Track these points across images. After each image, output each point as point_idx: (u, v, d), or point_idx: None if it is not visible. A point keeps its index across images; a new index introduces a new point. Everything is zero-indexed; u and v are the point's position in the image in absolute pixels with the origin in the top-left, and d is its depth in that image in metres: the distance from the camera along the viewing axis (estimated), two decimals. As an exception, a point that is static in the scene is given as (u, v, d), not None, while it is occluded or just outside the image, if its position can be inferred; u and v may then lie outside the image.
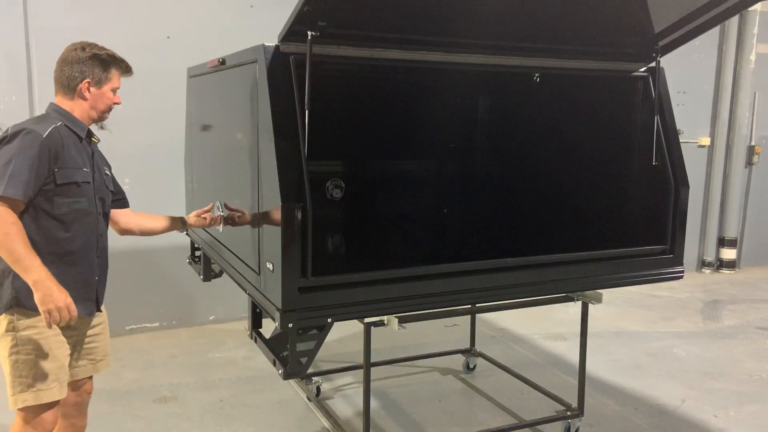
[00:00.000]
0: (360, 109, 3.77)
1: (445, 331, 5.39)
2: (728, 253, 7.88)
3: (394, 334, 3.35)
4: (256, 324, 3.27)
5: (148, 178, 5.26)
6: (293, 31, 2.44)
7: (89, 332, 2.69)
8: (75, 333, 2.61)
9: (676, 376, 4.63)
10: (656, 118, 3.17)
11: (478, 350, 4.68)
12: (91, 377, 2.79)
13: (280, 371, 2.81)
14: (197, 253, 4.22)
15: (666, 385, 4.47)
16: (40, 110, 4.93)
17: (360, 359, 3.19)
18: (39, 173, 2.34)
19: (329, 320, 2.61)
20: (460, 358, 4.67)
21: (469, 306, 3.27)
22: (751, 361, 4.94)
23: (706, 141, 7.67)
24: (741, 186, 7.82)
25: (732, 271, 7.87)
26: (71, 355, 2.60)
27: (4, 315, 2.43)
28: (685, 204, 3.19)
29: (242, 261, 3.03)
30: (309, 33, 2.43)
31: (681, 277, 3.29)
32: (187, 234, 4.34)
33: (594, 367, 4.65)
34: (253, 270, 2.84)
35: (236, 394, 4.23)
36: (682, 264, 3.27)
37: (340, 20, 2.49)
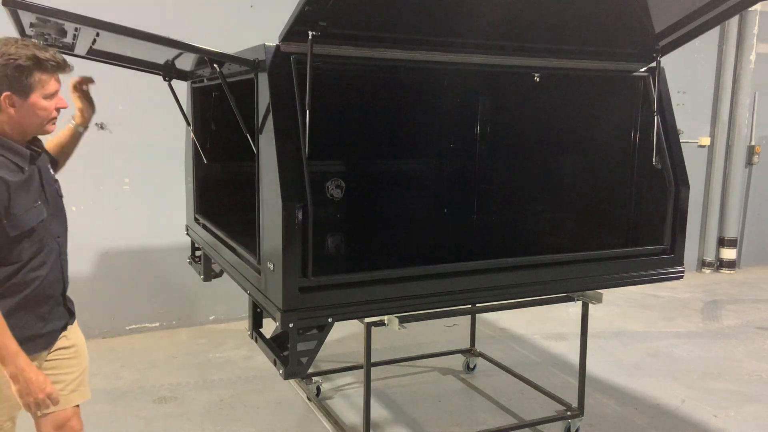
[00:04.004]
0: (360, 109, 3.78)
1: (445, 331, 5.39)
2: (728, 253, 7.88)
3: (394, 334, 3.35)
4: (256, 324, 3.27)
5: (148, 178, 5.26)
6: (294, 31, 2.44)
7: (61, 361, 2.42)
8: (41, 364, 2.34)
9: (676, 376, 4.63)
10: (656, 118, 3.17)
11: (478, 350, 4.68)
12: (76, 409, 2.51)
13: (280, 371, 2.81)
14: (197, 253, 4.22)
15: (666, 385, 4.47)
16: (40, 110, 4.93)
17: (360, 359, 3.19)
18: None
19: (330, 320, 2.61)
20: (460, 358, 4.67)
21: (469, 306, 3.27)
22: (751, 361, 4.94)
23: (706, 141, 7.67)
24: (741, 186, 7.82)
25: (732, 271, 7.87)
26: None
27: None
28: (685, 204, 3.19)
29: (243, 260, 3.03)
30: (310, 33, 2.43)
31: (681, 277, 3.30)
32: (188, 234, 4.34)
33: (594, 367, 4.65)
34: (253, 270, 2.84)
35: (236, 394, 4.23)
36: (682, 264, 3.27)
37: (340, 20, 2.49)
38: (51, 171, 2.41)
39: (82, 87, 2.73)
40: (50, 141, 2.62)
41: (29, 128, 2.20)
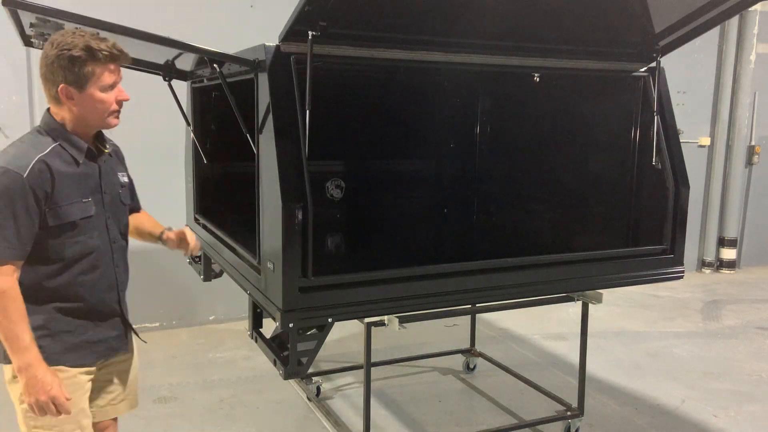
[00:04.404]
0: (360, 109, 3.78)
1: (445, 331, 5.39)
2: (728, 253, 7.88)
3: (394, 334, 3.36)
4: (256, 324, 3.27)
5: (148, 178, 5.25)
6: (294, 31, 2.44)
7: (113, 370, 2.39)
8: (94, 372, 2.28)
9: (676, 376, 4.63)
10: (656, 118, 3.17)
11: (478, 350, 4.68)
12: (115, 419, 2.53)
13: (280, 371, 2.81)
14: (197, 253, 4.22)
15: (666, 385, 4.47)
16: (39, 111, 4.93)
17: (360, 359, 3.19)
18: (28, 222, 1.98)
19: (330, 320, 2.61)
20: (460, 358, 4.67)
21: (469, 306, 3.27)
22: (751, 361, 4.94)
23: (706, 141, 7.67)
24: (741, 186, 7.82)
25: (732, 271, 7.87)
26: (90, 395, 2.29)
27: (7, 365, 2.14)
28: (685, 204, 3.19)
29: (243, 260, 3.03)
30: (310, 33, 2.43)
31: (681, 277, 3.30)
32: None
33: (594, 367, 4.65)
34: (253, 270, 2.84)
35: (236, 394, 4.23)
36: (682, 264, 3.27)
37: (340, 20, 2.49)
38: (120, 175, 2.36)
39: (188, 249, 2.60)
40: (143, 217, 2.59)
41: (90, 122, 2.12)
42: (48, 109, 2.14)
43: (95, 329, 2.20)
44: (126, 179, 2.40)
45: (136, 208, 2.56)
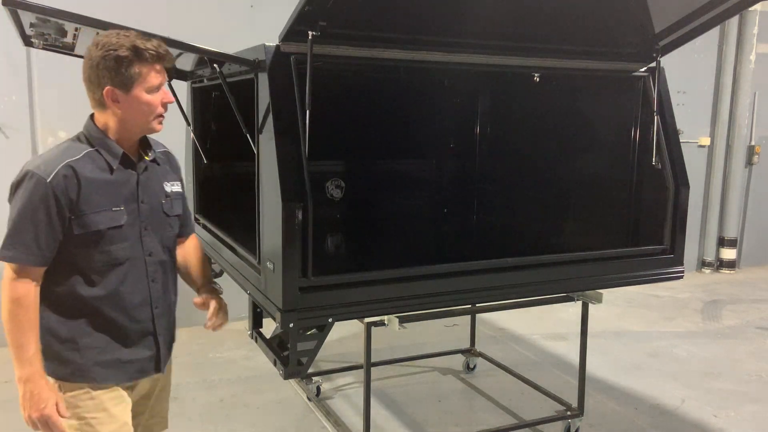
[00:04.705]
0: (360, 109, 3.77)
1: (445, 331, 5.39)
2: (728, 253, 7.88)
3: (394, 334, 3.35)
4: (256, 324, 3.28)
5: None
6: (294, 31, 2.44)
7: (142, 389, 2.28)
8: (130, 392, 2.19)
9: (676, 376, 4.63)
10: (656, 118, 3.17)
11: (478, 350, 4.69)
12: None
13: (280, 371, 2.81)
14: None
15: (666, 385, 4.47)
16: (40, 110, 4.95)
17: (360, 359, 3.19)
18: (50, 228, 1.91)
19: (330, 320, 2.61)
20: (460, 358, 4.67)
21: (469, 306, 3.27)
22: (751, 361, 4.94)
23: (706, 141, 7.67)
24: (741, 186, 7.82)
25: (732, 271, 7.87)
26: None
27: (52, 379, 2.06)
28: (685, 204, 3.19)
29: (243, 260, 3.03)
30: (310, 33, 2.43)
31: (681, 277, 3.30)
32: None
33: (594, 367, 4.65)
34: (253, 269, 2.84)
35: (236, 394, 4.23)
36: (682, 264, 3.28)
37: (340, 20, 2.49)
38: (168, 183, 2.19)
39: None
40: (191, 253, 2.39)
41: (135, 126, 2.03)
42: (91, 116, 2.06)
43: (126, 348, 2.08)
44: (175, 188, 2.22)
45: (185, 228, 2.34)
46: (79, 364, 2.01)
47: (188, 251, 2.38)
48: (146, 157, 2.12)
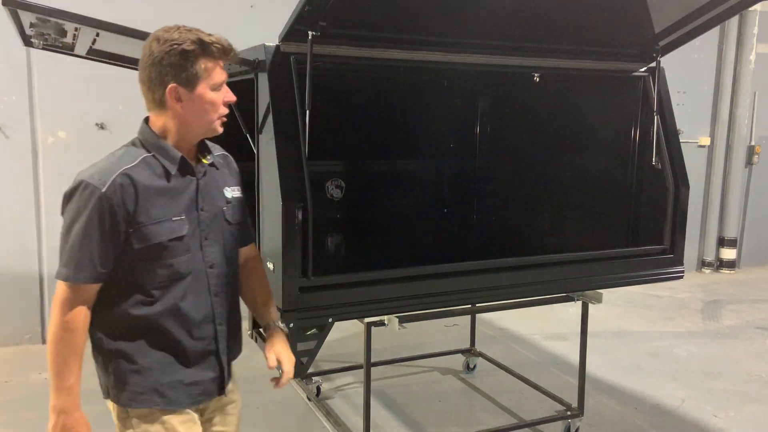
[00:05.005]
0: (360, 109, 3.77)
1: (445, 331, 5.39)
2: (728, 253, 7.88)
3: (394, 334, 3.35)
4: (256, 324, 3.27)
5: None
6: (294, 31, 2.44)
7: (212, 413, 2.13)
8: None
9: (676, 376, 4.63)
10: (656, 118, 3.17)
11: (478, 350, 4.68)
12: None
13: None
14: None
15: (666, 385, 4.47)
16: (40, 110, 4.94)
17: (360, 359, 3.19)
18: (106, 243, 1.75)
19: (330, 320, 2.61)
20: (460, 358, 4.67)
21: (469, 306, 3.27)
22: (751, 361, 4.94)
23: (706, 141, 7.67)
24: (741, 186, 7.82)
25: (732, 271, 7.87)
26: None
27: (113, 403, 1.96)
28: (685, 204, 3.19)
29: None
30: (310, 33, 2.43)
31: (681, 277, 3.30)
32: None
33: (594, 367, 4.65)
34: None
35: (236, 394, 4.22)
36: (682, 264, 3.28)
37: (340, 20, 2.49)
38: (228, 189, 2.02)
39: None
40: (254, 271, 2.19)
41: (197, 127, 1.87)
42: (146, 119, 1.91)
43: (188, 368, 1.92)
44: (236, 194, 2.04)
45: (246, 236, 2.13)
46: (143, 386, 1.87)
47: (247, 263, 2.16)
48: (204, 161, 1.95)
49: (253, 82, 2.67)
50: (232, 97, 1.91)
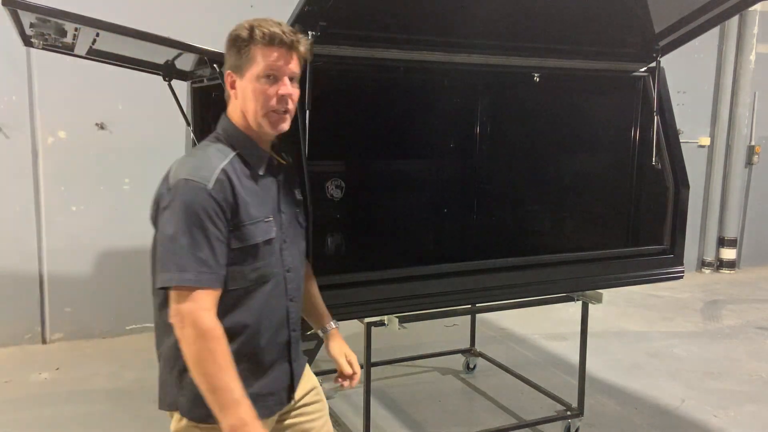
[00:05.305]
0: (360, 109, 3.77)
1: (445, 331, 5.39)
2: (728, 253, 7.88)
3: (394, 334, 3.35)
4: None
5: (148, 178, 5.25)
6: (294, 31, 2.44)
7: (300, 412, 1.99)
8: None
9: (676, 376, 4.63)
10: (656, 118, 3.17)
11: (478, 350, 4.68)
12: None
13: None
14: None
15: (666, 385, 4.47)
16: (40, 111, 4.94)
17: (360, 359, 3.18)
18: (220, 241, 1.65)
19: (329, 320, 2.61)
20: (460, 358, 4.67)
21: (469, 306, 3.26)
22: (751, 361, 4.94)
23: (706, 141, 7.67)
24: (741, 186, 7.82)
25: (732, 271, 7.87)
26: None
27: (173, 414, 1.86)
28: (685, 204, 3.19)
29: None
30: (310, 33, 2.43)
31: (681, 277, 3.30)
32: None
33: (594, 367, 4.65)
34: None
35: (236, 394, 4.22)
36: (682, 264, 3.27)
37: (340, 20, 2.49)
38: (296, 192, 1.97)
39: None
40: (310, 273, 2.15)
41: (250, 120, 1.77)
42: (225, 113, 1.85)
43: (265, 378, 1.83)
44: (299, 197, 1.99)
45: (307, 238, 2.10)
46: None
47: (306, 267, 2.08)
48: (283, 162, 1.89)
49: (253, 82, 2.67)
50: (288, 92, 1.75)
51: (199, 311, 1.60)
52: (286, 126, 1.80)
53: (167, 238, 1.62)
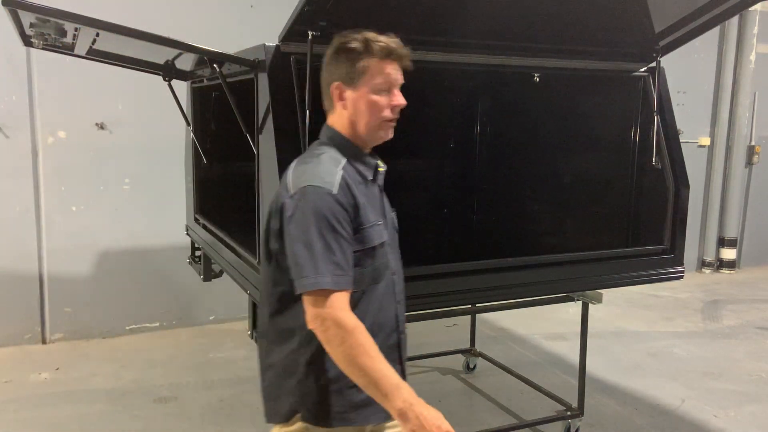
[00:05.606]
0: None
1: (445, 331, 5.39)
2: (728, 253, 7.88)
3: (394, 334, 3.36)
4: (256, 324, 3.27)
5: (148, 178, 5.26)
6: (294, 31, 2.44)
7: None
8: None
9: (676, 376, 4.63)
10: (656, 118, 3.17)
11: (478, 350, 4.68)
12: None
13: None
14: (197, 253, 4.22)
15: (666, 385, 4.47)
16: (40, 111, 4.94)
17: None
18: (348, 243, 1.70)
19: (329, 320, 2.60)
20: (460, 358, 4.67)
21: (469, 306, 3.26)
22: (751, 361, 4.94)
23: (706, 141, 7.67)
24: (741, 186, 7.82)
25: (732, 271, 7.87)
26: None
27: (290, 424, 1.81)
28: (685, 204, 3.19)
29: (243, 260, 3.03)
30: (310, 33, 2.43)
31: (681, 277, 3.30)
32: (187, 234, 4.35)
33: (594, 367, 4.65)
34: (253, 270, 2.84)
35: (236, 394, 4.23)
36: (682, 264, 3.27)
37: (340, 20, 2.48)
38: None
39: None
40: None
41: (361, 129, 1.82)
42: (327, 123, 1.88)
43: None
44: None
45: None
46: (340, 405, 1.78)
47: None
48: (380, 168, 1.94)
49: (253, 82, 2.67)
50: (401, 102, 1.82)
51: (339, 312, 1.63)
52: (392, 133, 1.89)
53: (302, 245, 1.66)
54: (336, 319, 1.62)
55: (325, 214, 1.66)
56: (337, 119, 1.84)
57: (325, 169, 1.74)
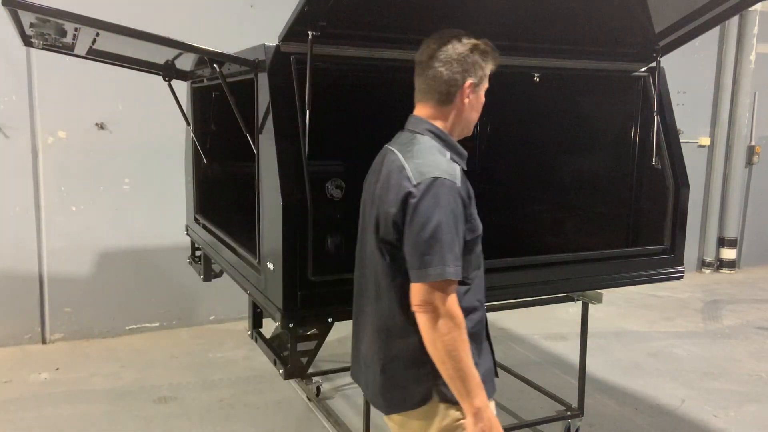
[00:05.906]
0: (360, 109, 3.77)
1: (445, 331, 5.39)
2: (728, 253, 7.88)
3: (394, 334, 3.36)
4: (256, 324, 3.27)
5: (148, 178, 5.26)
6: (294, 31, 2.44)
7: None
8: None
9: (676, 376, 4.63)
10: (656, 118, 3.17)
11: (478, 350, 4.68)
12: None
13: (280, 371, 2.81)
14: (197, 253, 4.22)
15: (666, 385, 4.47)
16: (40, 110, 4.95)
17: (360, 359, 3.18)
18: (462, 234, 1.79)
19: (330, 320, 2.61)
20: (460, 358, 4.66)
21: (470, 306, 3.25)
22: (751, 361, 4.94)
23: (706, 141, 7.67)
24: (741, 186, 7.82)
25: (732, 271, 7.87)
26: None
27: (428, 409, 1.87)
28: (685, 204, 3.19)
29: (243, 260, 3.03)
30: (310, 33, 2.43)
31: (681, 277, 3.30)
32: (187, 234, 4.35)
33: (594, 367, 4.65)
34: (253, 269, 2.84)
35: (236, 394, 4.23)
36: (682, 264, 3.27)
37: (340, 20, 2.49)
38: None
39: None
40: None
41: (465, 126, 1.95)
42: (420, 116, 1.94)
43: (487, 355, 2.03)
44: None
45: None
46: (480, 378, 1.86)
47: None
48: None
49: (253, 82, 2.67)
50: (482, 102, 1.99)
51: (453, 304, 1.72)
52: None
53: (428, 235, 1.71)
54: (450, 311, 1.71)
55: (453, 207, 1.74)
56: (442, 113, 1.90)
57: (443, 161, 1.81)
